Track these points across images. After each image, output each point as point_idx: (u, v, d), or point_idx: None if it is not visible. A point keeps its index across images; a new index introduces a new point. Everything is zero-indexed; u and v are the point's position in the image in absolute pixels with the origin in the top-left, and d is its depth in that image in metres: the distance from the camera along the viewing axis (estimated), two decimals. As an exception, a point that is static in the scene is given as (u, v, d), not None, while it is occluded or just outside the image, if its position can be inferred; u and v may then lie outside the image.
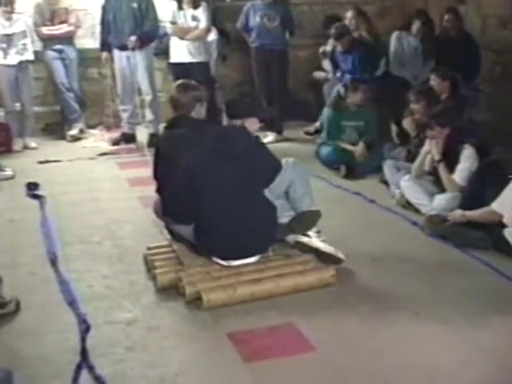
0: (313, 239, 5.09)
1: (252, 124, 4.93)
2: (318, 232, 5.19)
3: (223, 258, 4.74)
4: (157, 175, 5.38)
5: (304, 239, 5.07)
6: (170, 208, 4.98)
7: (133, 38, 8.76)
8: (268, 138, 8.81)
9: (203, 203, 4.69)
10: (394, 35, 9.09)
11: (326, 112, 8.18)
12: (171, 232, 5.21)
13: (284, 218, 5.00)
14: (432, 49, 8.97)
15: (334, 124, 8.00)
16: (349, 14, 9.40)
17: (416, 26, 8.98)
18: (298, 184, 5.04)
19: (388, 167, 6.80)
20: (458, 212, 5.51)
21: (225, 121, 5.02)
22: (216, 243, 4.72)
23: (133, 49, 8.81)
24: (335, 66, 9.19)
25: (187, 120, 5.34)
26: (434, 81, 7.42)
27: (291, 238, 5.07)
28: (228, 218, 4.67)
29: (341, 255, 5.01)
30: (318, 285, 4.63)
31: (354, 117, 7.94)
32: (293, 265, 4.77)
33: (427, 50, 8.96)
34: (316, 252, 4.99)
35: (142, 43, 8.86)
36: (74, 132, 9.56)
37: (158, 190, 5.36)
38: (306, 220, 5.09)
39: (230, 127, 4.87)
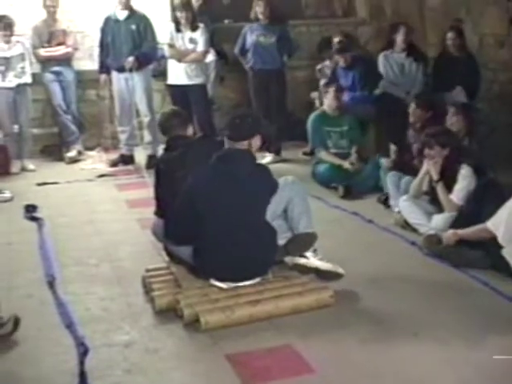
0: (310, 259, 5.10)
1: (256, 143, 4.92)
2: (315, 251, 5.19)
3: (222, 280, 4.73)
4: (158, 196, 5.39)
5: (302, 261, 5.07)
6: (172, 230, 4.98)
7: (130, 58, 8.79)
8: (266, 158, 8.84)
9: (204, 225, 4.69)
10: (381, 56, 9.16)
11: (309, 120, 8.27)
12: (170, 254, 5.20)
13: (281, 239, 5.00)
14: (418, 55, 9.10)
15: (317, 128, 8.16)
16: (336, 40, 9.54)
17: (400, 36, 9.03)
18: (296, 202, 5.03)
19: (390, 178, 6.82)
20: (450, 231, 5.51)
21: (227, 144, 4.97)
22: (216, 265, 4.71)
23: (130, 70, 8.84)
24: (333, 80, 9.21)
25: (184, 139, 5.38)
26: (413, 110, 7.40)
27: (289, 259, 5.06)
28: (228, 241, 4.66)
29: (340, 270, 5.02)
30: (317, 305, 4.61)
31: (337, 122, 8.11)
32: (291, 286, 4.75)
33: (414, 56, 9.06)
34: (316, 271, 4.99)
35: (140, 64, 8.89)
36: (71, 154, 9.58)
37: (157, 213, 5.36)
38: (301, 242, 5.09)
39: (234, 149, 4.85)
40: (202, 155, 5.00)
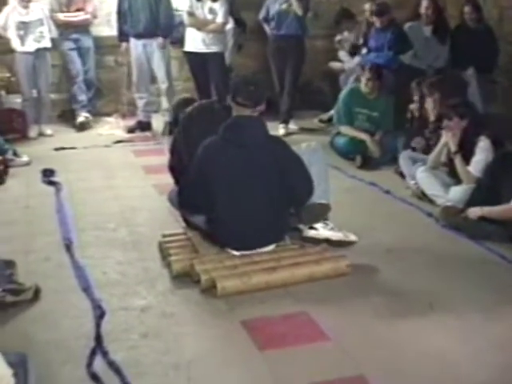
0: (320, 231, 5.08)
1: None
2: (325, 220, 5.17)
3: (235, 249, 4.74)
4: (172, 165, 5.40)
5: (311, 233, 5.07)
6: (184, 200, 4.98)
7: (160, 40, 8.89)
8: (291, 126, 8.92)
9: (215, 195, 4.68)
10: (406, 26, 9.10)
11: (342, 94, 8.20)
12: (186, 220, 5.21)
13: None
14: (445, 34, 9.02)
15: (346, 107, 7.99)
16: (366, 6, 9.43)
17: (422, 9, 9.00)
18: (314, 171, 4.93)
19: (404, 159, 6.78)
20: (477, 208, 5.45)
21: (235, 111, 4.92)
22: (228, 235, 4.72)
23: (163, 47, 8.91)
24: (364, 43, 9.17)
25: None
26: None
27: (302, 227, 5.09)
28: (239, 210, 4.66)
29: (352, 237, 5.08)
30: (333, 274, 4.62)
31: (369, 104, 7.90)
32: (308, 254, 4.76)
33: (440, 35, 9.00)
34: (326, 241, 5.00)
35: (165, 37, 8.95)
36: (79, 120, 9.57)
37: (177, 182, 5.37)
38: (314, 212, 5.06)
39: (244, 117, 4.81)
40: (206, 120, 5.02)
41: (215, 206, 4.71)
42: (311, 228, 5.10)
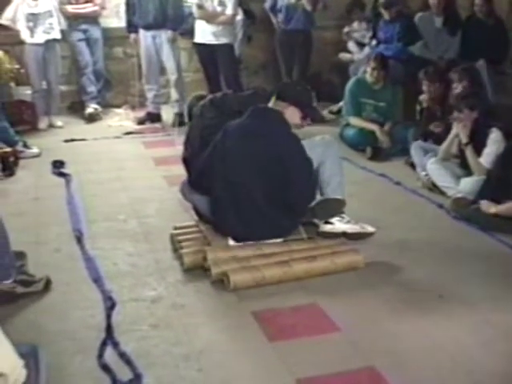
0: (336, 225, 5.02)
1: (293, 115, 4.86)
2: (341, 213, 5.13)
3: (235, 239, 4.72)
4: (185, 157, 5.37)
5: (327, 227, 5.00)
6: (194, 179, 4.98)
7: (169, 34, 8.84)
8: None
9: (220, 180, 4.66)
10: (417, 17, 9.08)
11: (348, 84, 8.17)
12: (198, 213, 5.18)
13: None
14: (456, 25, 8.99)
15: (353, 97, 7.96)
16: None
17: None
18: (328, 165, 4.95)
19: (415, 149, 6.75)
20: (491, 204, 5.41)
21: (272, 102, 4.92)
22: (230, 225, 4.70)
23: (174, 41, 8.92)
24: (373, 35, 9.25)
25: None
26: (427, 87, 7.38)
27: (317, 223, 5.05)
28: (242, 200, 4.63)
29: (370, 228, 5.04)
30: (347, 268, 4.58)
31: (374, 95, 7.88)
32: (320, 248, 4.73)
33: (451, 27, 8.98)
34: (344, 235, 4.98)
35: (174, 30, 8.92)
36: (88, 111, 9.57)
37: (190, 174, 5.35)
38: (329, 208, 5.02)
39: (267, 106, 4.81)
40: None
41: (219, 193, 4.68)
42: (327, 223, 5.05)
